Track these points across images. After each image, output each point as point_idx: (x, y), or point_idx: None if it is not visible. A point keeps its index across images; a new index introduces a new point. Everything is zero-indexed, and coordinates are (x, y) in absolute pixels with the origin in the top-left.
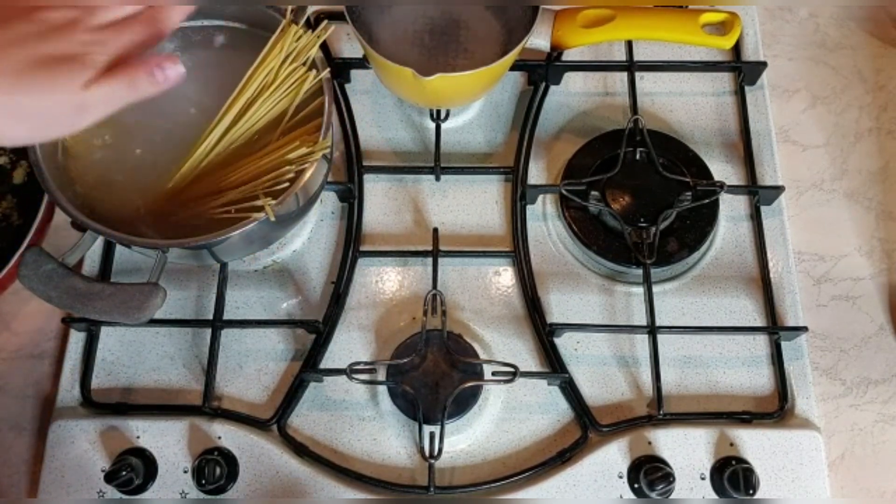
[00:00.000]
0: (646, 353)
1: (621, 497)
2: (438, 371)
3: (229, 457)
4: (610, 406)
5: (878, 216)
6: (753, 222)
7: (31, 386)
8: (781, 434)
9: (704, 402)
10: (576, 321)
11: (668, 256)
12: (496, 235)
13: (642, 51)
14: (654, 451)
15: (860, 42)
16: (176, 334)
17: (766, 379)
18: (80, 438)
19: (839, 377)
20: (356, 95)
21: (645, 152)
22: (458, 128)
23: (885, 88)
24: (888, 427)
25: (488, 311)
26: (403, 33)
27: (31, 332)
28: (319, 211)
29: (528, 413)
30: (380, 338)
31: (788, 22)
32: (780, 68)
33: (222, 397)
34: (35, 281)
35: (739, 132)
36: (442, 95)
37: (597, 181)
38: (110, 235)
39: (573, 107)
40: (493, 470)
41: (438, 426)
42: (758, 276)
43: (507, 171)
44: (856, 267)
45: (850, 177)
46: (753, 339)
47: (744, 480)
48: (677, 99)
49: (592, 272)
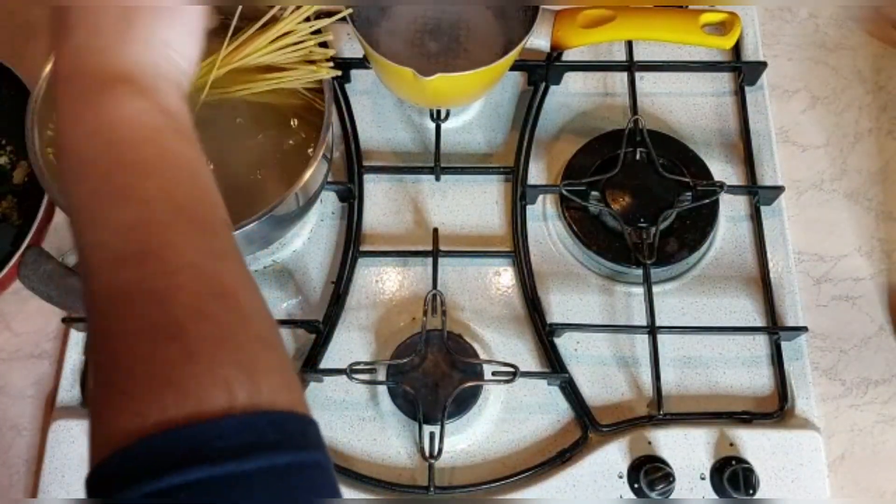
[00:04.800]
0: (646, 353)
1: (621, 497)
2: (438, 371)
3: None
4: (610, 406)
5: (878, 216)
6: (753, 222)
7: (31, 386)
8: (781, 434)
9: (704, 402)
10: (576, 321)
11: (668, 256)
12: (496, 235)
13: (642, 51)
14: (654, 451)
15: (860, 42)
16: None
17: (766, 379)
18: (80, 438)
19: (839, 377)
20: (356, 95)
21: (645, 152)
22: (458, 128)
23: (884, 88)
24: (888, 427)
25: (488, 311)
26: (403, 33)
27: (31, 332)
28: (319, 211)
29: (528, 413)
30: (380, 338)
31: (788, 22)
32: (780, 68)
33: None
34: (35, 281)
35: (739, 132)
36: (442, 95)
37: (597, 181)
38: None
39: (573, 107)
40: (493, 470)
41: (438, 426)
42: (758, 276)
43: (507, 171)
44: (856, 267)
45: (849, 177)
46: (753, 339)
47: (744, 480)
48: (677, 99)
49: (592, 272)
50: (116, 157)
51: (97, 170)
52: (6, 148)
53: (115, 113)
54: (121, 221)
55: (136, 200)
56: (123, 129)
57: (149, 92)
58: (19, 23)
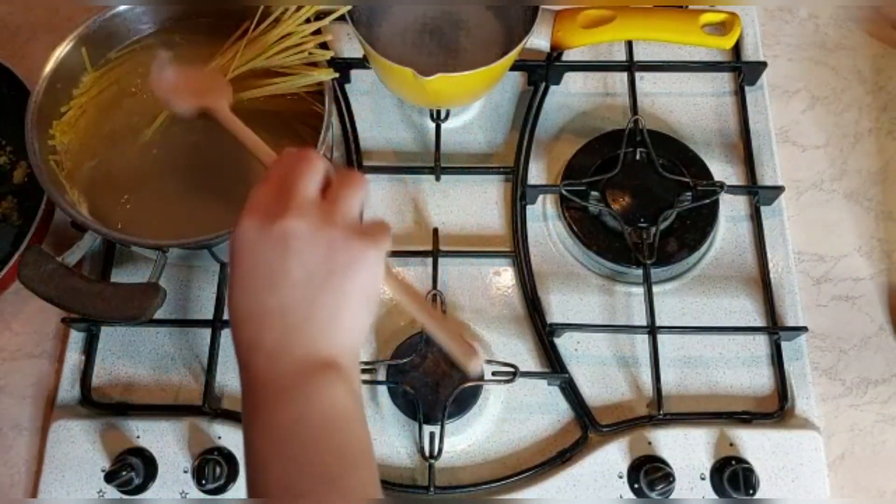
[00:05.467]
0: (646, 353)
1: (621, 497)
2: (438, 371)
3: (229, 457)
4: (610, 406)
5: (878, 216)
6: (753, 222)
7: (31, 386)
8: (781, 434)
9: (704, 402)
10: (576, 321)
11: (668, 256)
12: (496, 235)
13: (642, 51)
14: (654, 451)
15: (860, 42)
16: (176, 334)
17: (766, 379)
18: (80, 438)
19: (839, 377)
20: (356, 95)
21: (645, 152)
22: (458, 128)
23: (884, 89)
24: (888, 427)
25: (488, 311)
26: (403, 33)
27: (31, 332)
28: None
29: (528, 413)
30: (380, 338)
31: (788, 22)
32: (780, 68)
33: (222, 397)
34: (35, 281)
35: (739, 132)
36: (442, 95)
37: (597, 181)
38: (110, 235)
39: (573, 107)
40: (493, 470)
41: (438, 426)
42: (758, 276)
43: (507, 172)
44: (856, 267)
45: (849, 177)
46: (753, 340)
47: (744, 480)
48: (677, 99)
49: (592, 272)
50: (325, 446)
51: (306, 455)
52: (6, 148)
53: (325, 401)
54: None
55: (342, 490)
56: (336, 411)
57: (348, 377)
58: (19, 23)
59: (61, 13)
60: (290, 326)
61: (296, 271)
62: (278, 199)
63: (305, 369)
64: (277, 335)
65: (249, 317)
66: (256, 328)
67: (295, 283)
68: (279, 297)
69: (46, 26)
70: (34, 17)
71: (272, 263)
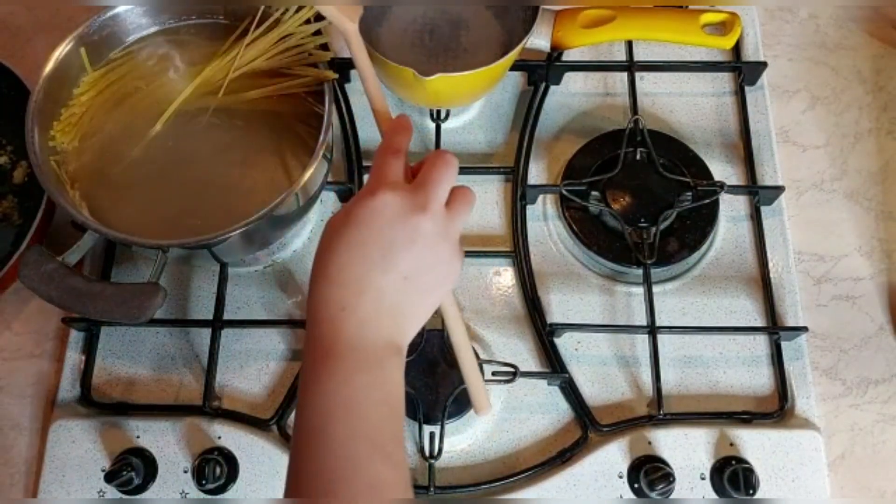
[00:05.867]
0: (646, 353)
1: (621, 497)
2: (438, 371)
3: (229, 457)
4: (610, 406)
5: (878, 216)
6: (753, 222)
7: (31, 386)
8: (781, 434)
9: (704, 402)
10: (576, 321)
11: (668, 256)
12: (496, 235)
13: (642, 51)
14: (654, 451)
15: (860, 42)
16: (176, 334)
17: (766, 379)
18: (81, 438)
19: (839, 377)
20: (356, 95)
21: (645, 152)
22: (458, 128)
23: (884, 89)
24: (888, 427)
25: (488, 311)
26: (403, 33)
27: (32, 332)
28: (319, 211)
29: (528, 413)
30: None
31: (788, 22)
32: (780, 69)
33: (222, 397)
34: (35, 281)
35: (739, 132)
36: (442, 95)
37: (597, 181)
38: (110, 235)
39: (573, 107)
40: (493, 470)
41: (438, 426)
42: (758, 276)
43: (508, 171)
44: (856, 267)
45: (849, 177)
46: (753, 339)
47: (744, 480)
48: (677, 99)
49: (592, 272)
50: (385, 417)
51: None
52: (6, 148)
53: (391, 379)
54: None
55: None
56: (394, 394)
57: (402, 363)
58: (19, 23)
59: (61, 13)
60: (385, 308)
61: (408, 264)
62: (418, 192)
63: (386, 349)
64: (371, 310)
65: (354, 281)
66: (355, 294)
67: (403, 273)
68: (386, 279)
69: (46, 26)
70: (34, 18)
71: (394, 247)
